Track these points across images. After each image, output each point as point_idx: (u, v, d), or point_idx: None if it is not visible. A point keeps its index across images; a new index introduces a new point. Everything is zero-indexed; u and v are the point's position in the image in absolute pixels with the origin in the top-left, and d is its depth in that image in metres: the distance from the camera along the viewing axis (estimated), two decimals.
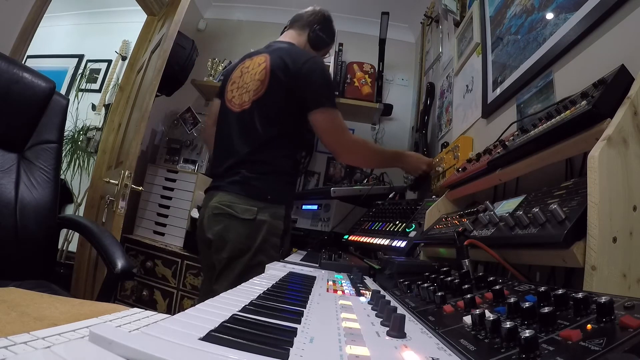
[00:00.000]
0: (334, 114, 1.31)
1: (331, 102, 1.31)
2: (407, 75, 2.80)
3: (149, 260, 2.07)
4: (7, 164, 1.18)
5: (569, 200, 0.54)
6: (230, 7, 2.94)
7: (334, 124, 1.31)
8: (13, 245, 1.11)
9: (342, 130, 1.34)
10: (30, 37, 1.63)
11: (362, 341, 0.33)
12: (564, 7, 0.95)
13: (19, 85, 1.18)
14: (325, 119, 1.30)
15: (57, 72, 3.07)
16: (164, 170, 2.32)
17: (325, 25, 1.51)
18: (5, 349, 0.28)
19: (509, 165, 0.81)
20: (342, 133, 1.34)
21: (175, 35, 1.80)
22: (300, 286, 0.61)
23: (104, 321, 0.39)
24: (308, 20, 1.49)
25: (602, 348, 0.23)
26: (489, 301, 0.43)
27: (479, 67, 1.46)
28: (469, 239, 0.67)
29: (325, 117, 1.30)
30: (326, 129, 1.32)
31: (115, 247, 1.07)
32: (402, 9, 2.57)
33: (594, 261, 0.46)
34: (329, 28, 1.53)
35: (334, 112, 1.31)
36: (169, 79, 2.07)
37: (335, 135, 1.33)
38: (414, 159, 1.60)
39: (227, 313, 0.36)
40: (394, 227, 1.31)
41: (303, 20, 1.51)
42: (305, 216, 1.99)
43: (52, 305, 0.53)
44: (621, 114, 0.53)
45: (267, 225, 1.26)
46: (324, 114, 1.29)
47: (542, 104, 0.97)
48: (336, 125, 1.32)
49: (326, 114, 1.30)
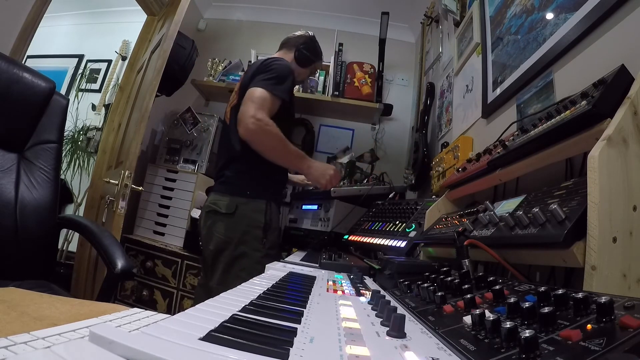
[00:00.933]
0: (259, 92, 1.35)
1: (266, 84, 1.36)
2: (407, 75, 2.80)
3: (149, 260, 2.06)
4: (7, 164, 1.18)
5: (569, 200, 0.54)
6: (230, 7, 2.94)
7: (253, 97, 1.34)
8: (13, 245, 1.11)
9: (256, 105, 1.33)
10: (30, 37, 1.63)
11: (362, 341, 0.33)
12: (564, 7, 0.95)
13: (19, 85, 1.18)
14: (250, 92, 1.36)
15: (57, 72, 3.07)
16: (164, 170, 2.32)
17: (310, 44, 1.63)
18: (5, 349, 0.28)
19: (509, 165, 0.81)
20: (253, 107, 1.33)
21: (175, 35, 1.80)
22: (300, 286, 0.61)
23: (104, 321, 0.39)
24: (295, 42, 1.62)
25: (602, 348, 0.23)
26: (489, 301, 0.43)
27: (479, 67, 1.46)
28: (469, 239, 0.67)
29: (250, 92, 1.36)
30: (245, 100, 1.35)
31: (115, 247, 1.07)
32: (402, 9, 2.57)
33: (594, 261, 0.46)
34: (313, 47, 1.64)
35: (261, 91, 1.35)
36: (169, 79, 2.07)
37: (246, 105, 1.34)
38: (319, 171, 1.48)
39: (227, 313, 0.36)
40: (394, 227, 1.31)
41: (291, 42, 1.64)
42: (305, 216, 1.99)
43: (52, 305, 0.53)
44: (621, 114, 0.53)
45: (247, 218, 1.37)
46: (252, 89, 1.36)
47: (542, 104, 0.97)
48: (254, 98, 1.34)
49: (253, 89, 1.36)
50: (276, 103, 1.38)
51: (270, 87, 1.36)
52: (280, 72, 1.42)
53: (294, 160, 1.45)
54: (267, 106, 1.34)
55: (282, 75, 1.42)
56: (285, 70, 1.44)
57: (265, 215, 1.39)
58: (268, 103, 1.35)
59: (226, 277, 1.36)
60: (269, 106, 1.35)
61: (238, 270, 1.34)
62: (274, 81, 1.38)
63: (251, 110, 1.32)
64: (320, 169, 1.48)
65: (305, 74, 1.70)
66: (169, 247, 2.08)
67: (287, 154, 1.41)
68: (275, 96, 1.37)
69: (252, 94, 1.35)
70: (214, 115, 2.45)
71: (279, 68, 1.43)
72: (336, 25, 2.75)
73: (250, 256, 1.35)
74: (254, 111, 1.31)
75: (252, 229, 1.37)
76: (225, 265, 1.36)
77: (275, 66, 1.43)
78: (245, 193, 1.40)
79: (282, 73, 1.42)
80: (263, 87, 1.35)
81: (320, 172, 1.47)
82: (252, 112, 1.31)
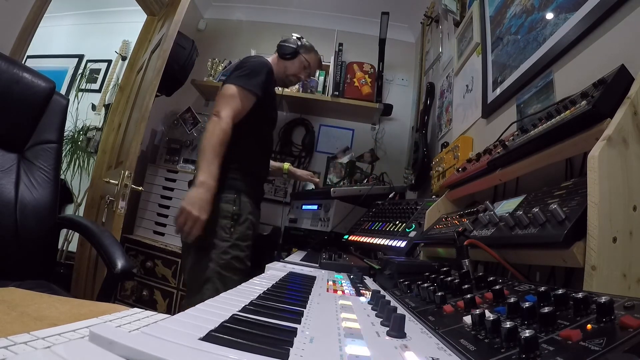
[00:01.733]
0: (230, 89, 1.37)
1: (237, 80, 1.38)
2: (407, 75, 2.80)
3: (149, 260, 2.07)
4: (7, 164, 1.18)
5: (569, 200, 0.54)
6: (230, 7, 2.94)
7: (224, 93, 1.38)
8: (13, 245, 1.11)
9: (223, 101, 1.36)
10: (30, 37, 1.63)
11: (362, 341, 0.33)
12: (563, 7, 0.95)
13: (19, 85, 1.18)
14: (222, 89, 1.40)
15: (57, 72, 3.07)
16: (164, 170, 2.32)
17: (290, 39, 1.64)
18: (6, 349, 0.28)
19: (509, 165, 0.81)
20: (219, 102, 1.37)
21: (175, 35, 1.80)
22: (300, 286, 0.61)
23: (104, 321, 0.39)
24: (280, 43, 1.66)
25: (602, 348, 0.23)
26: (489, 301, 0.43)
27: (479, 67, 1.46)
28: (469, 239, 0.67)
29: (223, 88, 1.40)
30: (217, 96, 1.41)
31: (115, 247, 1.07)
32: (402, 9, 2.57)
33: (594, 261, 0.46)
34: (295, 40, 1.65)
35: (232, 87, 1.37)
36: (169, 79, 2.07)
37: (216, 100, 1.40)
38: (196, 197, 1.24)
39: (227, 313, 0.36)
40: (394, 227, 1.31)
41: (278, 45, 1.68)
42: (305, 216, 1.99)
43: (52, 305, 0.53)
44: (621, 114, 0.53)
45: (215, 208, 1.32)
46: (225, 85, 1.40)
47: (542, 104, 0.97)
48: (221, 95, 1.39)
49: (226, 85, 1.40)
50: (248, 97, 1.38)
51: (241, 81, 1.38)
52: (253, 68, 1.43)
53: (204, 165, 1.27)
54: (235, 103, 1.36)
55: (255, 70, 1.42)
56: (258, 66, 1.45)
57: (233, 205, 1.36)
58: (237, 100, 1.36)
59: (195, 268, 1.34)
60: (238, 103, 1.36)
61: (207, 261, 1.32)
62: (245, 76, 1.40)
63: (218, 105, 1.35)
64: (199, 200, 1.24)
65: (295, 67, 1.64)
66: (169, 247, 2.08)
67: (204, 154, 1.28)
68: (247, 90, 1.37)
69: (223, 91, 1.39)
70: None
71: (252, 63, 1.45)
72: (336, 25, 2.75)
73: (218, 246, 1.32)
74: (220, 106, 1.34)
75: (220, 219, 1.33)
76: (195, 256, 1.35)
77: (250, 62, 1.45)
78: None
79: (255, 68, 1.43)
80: (234, 82, 1.38)
81: (195, 199, 1.23)
82: (218, 107, 1.34)
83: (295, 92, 2.57)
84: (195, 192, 1.24)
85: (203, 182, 1.25)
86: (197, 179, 1.27)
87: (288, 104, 2.71)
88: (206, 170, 1.27)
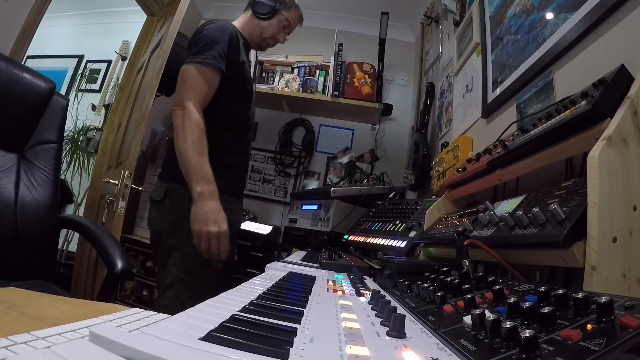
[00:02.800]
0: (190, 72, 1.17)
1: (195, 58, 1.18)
2: (407, 75, 2.80)
3: (149, 260, 2.06)
4: (7, 164, 1.18)
5: (569, 200, 0.54)
6: (230, 7, 2.93)
7: (182, 77, 1.18)
8: (13, 246, 1.11)
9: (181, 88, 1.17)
10: (30, 37, 1.63)
11: (362, 341, 0.33)
12: (563, 7, 0.95)
13: (19, 85, 1.18)
14: (181, 72, 1.19)
15: (57, 72, 3.07)
16: None
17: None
18: (6, 349, 0.28)
19: (509, 165, 0.81)
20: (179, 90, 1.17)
21: (175, 35, 1.80)
22: (300, 286, 0.61)
23: (104, 321, 0.39)
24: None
25: (602, 348, 0.23)
26: (489, 301, 0.43)
27: (479, 67, 1.46)
28: (469, 239, 0.67)
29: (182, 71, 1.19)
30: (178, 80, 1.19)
31: (115, 247, 1.07)
32: (402, 9, 2.57)
33: (594, 261, 0.46)
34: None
35: (191, 69, 1.17)
36: (169, 79, 2.06)
37: (178, 86, 1.18)
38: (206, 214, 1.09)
39: (227, 313, 0.36)
40: (394, 227, 1.31)
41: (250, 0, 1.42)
42: (305, 216, 1.99)
43: (52, 305, 0.53)
44: (621, 113, 0.53)
45: (177, 207, 1.17)
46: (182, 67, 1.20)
47: (542, 104, 0.97)
48: (180, 81, 1.18)
49: (183, 67, 1.19)
50: (211, 73, 1.18)
51: (199, 58, 1.17)
52: (209, 37, 1.20)
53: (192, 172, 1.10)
54: (198, 86, 1.17)
55: (212, 39, 1.20)
56: (215, 33, 1.22)
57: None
58: (199, 81, 1.17)
59: (162, 270, 1.22)
60: (202, 84, 1.17)
61: (170, 265, 1.17)
62: (201, 50, 1.18)
63: (181, 94, 1.16)
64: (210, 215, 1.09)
65: (274, 29, 1.41)
66: None
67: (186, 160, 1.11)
68: (206, 65, 1.17)
69: (182, 75, 1.18)
70: None
71: (207, 32, 1.22)
72: (336, 25, 2.75)
73: (179, 249, 1.16)
74: (184, 95, 1.15)
75: (182, 219, 1.13)
76: (161, 257, 1.22)
77: (204, 32, 1.22)
78: (177, 178, 1.15)
79: (212, 37, 1.21)
80: (190, 61, 1.18)
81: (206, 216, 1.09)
82: (182, 95, 1.16)
83: (295, 92, 2.57)
84: (200, 209, 1.09)
85: (201, 194, 1.09)
86: (192, 192, 1.09)
87: (288, 104, 2.71)
88: (197, 178, 1.10)
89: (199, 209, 1.09)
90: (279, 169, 2.71)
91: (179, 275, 1.16)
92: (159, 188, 1.25)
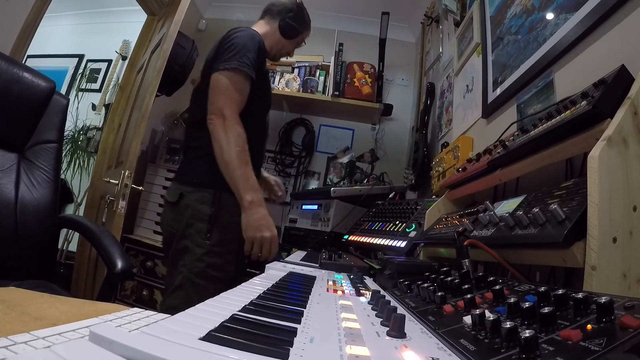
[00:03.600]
0: (223, 80, 1.18)
1: (229, 64, 1.18)
2: (407, 75, 2.80)
3: (149, 260, 2.06)
4: (7, 164, 1.18)
5: (569, 200, 0.54)
6: (230, 7, 2.93)
7: (218, 84, 1.18)
8: (13, 245, 1.11)
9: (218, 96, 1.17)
10: (30, 37, 1.63)
11: (362, 341, 0.33)
12: (564, 7, 0.95)
13: (19, 85, 1.18)
14: (214, 81, 1.19)
15: (57, 72, 3.07)
16: (164, 170, 2.32)
17: (297, 13, 1.42)
18: (6, 349, 0.28)
19: (509, 165, 0.81)
20: (216, 99, 1.17)
21: (175, 35, 1.80)
22: (300, 286, 0.61)
23: (104, 321, 0.39)
24: (279, 10, 1.42)
25: (602, 348, 0.23)
26: (489, 301, 0.43)
27: (479, 67, 1.46)
28: (469, 239, 0.67)
29: (215, 80, 1.19)
30: (212, 89, 1.19)
31: (115, 247, 1.07)
32: (402, 9, 2.57)
33: (594, 261, 0.46)
34: (302, 16, 1.43)
35: (225, 74, 1.18)
36: (169, 79, 2.07)
37: (214, 95, 1.18)
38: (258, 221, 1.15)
39: (227, 313, 0.36)
40: (394, 227, 1.31)
41: (274, 9, 1.43)
42: (305, 216, 1.99)
43: (52, 305, 0.53)
44: (621, 114, 0.53)
45: (191, 209, 1.20)
46: (215, 75, 1.19)
47: (542, 104, 0.97)
48: (215, 89, 1.18)
49: (217, 75, 1.19)
50: (244, 81, 1.20)
51: (232, 64, 1.18)
52: (239, 46, 1.21)
53: (240, 182, 1.14)
54: (234, 95, 1.18)
55: (244, 47, 1.21)
56: (244, 40, 1.23)
57: (211, 207, 1.19)
58: (235, 89, 1.18)
59: (172, 270, 1.23)
60: (236, 93, 1.19)
61: (180, 266, 1.19)
62: (235, 58, 1.19)
63: (218, 102, 1.17)
64: (262, 221, 1.15)
65: (292, 47, 1.48)
66: None
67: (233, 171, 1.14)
68: (240, 72, 1.18)
69: (217, 83, 1.19)
70: None
71: (238, 39, 1.23)
72: (336, 25, 2.75)
73: (192, 251, 1.18)
74: (221, 103, 1.16)
75: (196, 222, 1.18)
76: (172, 258, 1.24)
77: (234, 40, 1.23)
78: (192, 181, 1.22)
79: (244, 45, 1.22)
80: (225, 68, 1.18)
81: (258, 223, 1.15)
82: (219, 104, 1.16)
83: (295, 92, 2.57)
84: (251, 217, 1.14)
85: (251, 202, 1.13)
86: (242, 200, 1.13)
87: (288, 104, 2.71)
88: (245, 187, 1.14)
89: (251, 217, 1.14)
90: (279, 169, 2.71)
91: (189, 277, 1.16)
92: (174, 190, 1.27)
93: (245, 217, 1.15)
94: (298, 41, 1.48)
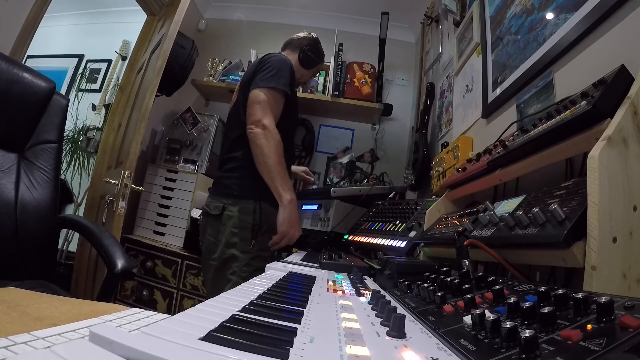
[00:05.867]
0: (262, 94, 1.33)
1: (267, 82, 1.34)
2: (407, 75, 2.80)
3: (149, 260, 2.07)
4: (7, 164, 1.18)
5: (569, 200, 0.54)
6: (230, 7, 2.94)
7: (257, 99, 1.32)
8: (13, 245, 1.11)
9: (262, 108, 1.31)
10: (30, 37, 1.63)
11: (362, 341, 0.33)
12: (564, 7, 0.95)
13: (19, 85, 1.18)
14: (254, 95, 1.34)
15: (57, 72, 3.07)
16: (164, 170, 2.32)
17: (314, 46, 1.62)
18: (6, 349, 0.28)
19: (509, 165, 0.81)
20: (260, 110, 1.31)
21: (175, 35, 1.80)
22: (300, 286, 0.61)
23: (104, 321, 0.39)
24: (298, 43, 1.61)
25: (602, 348, 0.23)
26: (489, 301, 0.43)
27: (479, 67, 1.46)
28: (469, 239, 0.67)
29: (254, 95, 1.34)
30: (251, 102, 1.34)
31: (115, 247, 1.07)
32: (402, 9, 2.57)
33: (594, 261, 0.46)
34: (317, 49, 1.64)
35: (263, 93, 1.33)
36: (169, 79, 2.07)
37: (253, 108, 1.32)
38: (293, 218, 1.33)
39: (227, 313, 0.36)
40: (394, 227, 1.31)
41: (294, 43, 1.62)
42: (305, 216, 1.99)
43: (52, 305, 0.53)
44: (621, 114, 0.53)
45: (234, 219, 1.33)
46: (255, 91, 1.34)
47: (542, 104, 0.97)
48: (255, 102, 1.32)
49: (257, 91, 1.34)
50: (280, 98, 1.37)
51: (272, 83, 1.35)
52: (278, 67, 1.39)
53: (280, 183, 1.31)
54: (273, 109, 1.33)
55: (281, 69, 1.39)
56: (281, 63, 1.41)
57: (253, 216, 1.34)
58: (272, 103, 1.33)
59: (217, 280, 1.34)
60: (274, 106, 1.34)
61: (228, 274, 1.31)
62: (273, 77, 1.36)
63: (258, 114, 1.30)
64: (296, 220, 1.35)
65: (309, 76, 1.68)
66: (169, 247, 2.08)
67: (274, 174, 1.30)
68: (278, 90, 1.35)
69: (256, 97, 1.33)
70: (214, 115, 2.45)
71: (275, 62, 1.41)
72: (336, 25, 2.75)
73: (239, 259, 1.31)
74: (260, 115, 1.30)
75: (240, 231, 1.32)
76: (216, 268, 1.35)
77: (272, 61, 1.41)
78: (233, 194, 1.37)
79: (280, 67, 1.40)
80: (264, 86, 1.34)
81: (294, 220, 1.33)
82: (259, 116, 1.30)
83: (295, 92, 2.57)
84: (290, 214, 1.31)
85: (291, 201, 1.31)
86: (282, 199, 1.30)
87: None
88: (286, 188, 1.30)
89: (290, 213, 1.31)
90: None
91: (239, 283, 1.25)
92: (215, 203, 1.39)
93: (283, 213, 1.31)
94: (314, 71, 1.69)
